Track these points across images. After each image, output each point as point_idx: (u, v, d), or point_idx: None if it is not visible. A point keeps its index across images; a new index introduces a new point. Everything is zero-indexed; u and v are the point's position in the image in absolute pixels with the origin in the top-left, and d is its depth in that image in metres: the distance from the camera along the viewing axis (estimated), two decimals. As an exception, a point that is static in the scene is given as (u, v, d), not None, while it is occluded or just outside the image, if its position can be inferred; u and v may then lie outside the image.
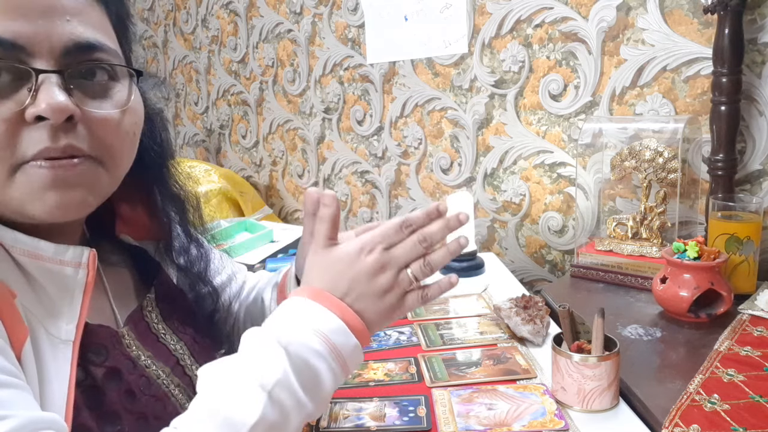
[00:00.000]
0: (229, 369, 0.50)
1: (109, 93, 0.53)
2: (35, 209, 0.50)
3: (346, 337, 0.53)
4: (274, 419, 0.47)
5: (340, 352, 0.52)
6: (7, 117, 0.47)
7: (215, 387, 0.49)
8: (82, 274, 0.54)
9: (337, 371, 0.52)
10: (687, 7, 1.16)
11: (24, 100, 0.48)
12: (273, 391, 0.47)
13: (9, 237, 0.51)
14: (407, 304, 0.57)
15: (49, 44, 0.49)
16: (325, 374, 0.51)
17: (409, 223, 0.57)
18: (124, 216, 0.67)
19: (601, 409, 0.71)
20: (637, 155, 1.15)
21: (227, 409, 0.47)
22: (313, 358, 0.50)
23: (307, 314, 0.53)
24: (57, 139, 0.49)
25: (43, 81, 0.48)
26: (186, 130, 2.51)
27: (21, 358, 0.48)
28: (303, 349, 0.50)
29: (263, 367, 0.49)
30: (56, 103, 0.48)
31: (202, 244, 0.74)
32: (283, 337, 0.50)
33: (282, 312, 0.54)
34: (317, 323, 0.52)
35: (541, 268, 1.47)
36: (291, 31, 1.92)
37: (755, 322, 0.91)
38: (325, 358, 0.51)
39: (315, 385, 0.50)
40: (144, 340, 0.61)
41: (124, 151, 0.55)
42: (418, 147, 1.66)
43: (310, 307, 0.53)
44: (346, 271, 0.55)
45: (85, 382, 0.53)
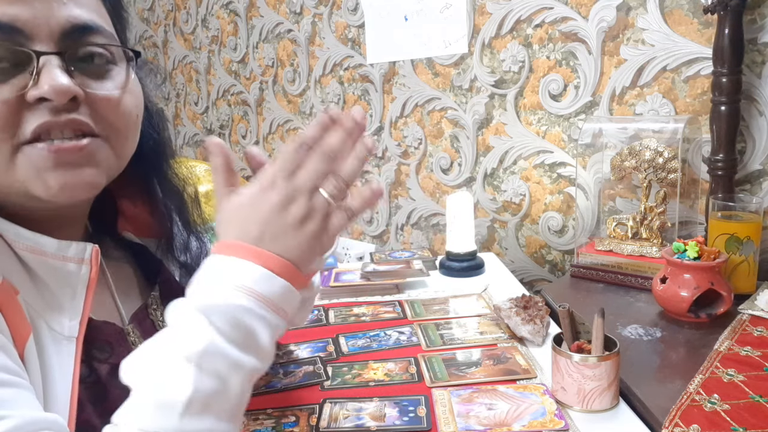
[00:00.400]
0: (151, 351, 0.47)
1: (108, 75, 0.54)
2: (39, 190, 0.50)
3: (271, 281, 0.48)
4: (210, 388, 0.44)
5: (270, 299, 0.48)
6: (8, 99, 0.48)
7: (142, 373, 0.46)
8: (85, 269, 0.54)
9: (272, 319, 0.48)
10: (687, 7, 1.16)
11: (26, 83, 0.48)
12: (201, 361, 0.44)
13: (12, 232, 0.51)
14: (332, 226, 0.51)
15: (47, 27, 0.49)
16: (259, 327, 0.47)
17: (303, 142, 0.52)
18: (126, 213, 0.68)
19: (601, 409, 0.71)
20: (637, 155, 1.15)
21: (158, 392, 0.44)
22: (240, 314, 0.46)
23: (224, 271, 0.48)
24: (58, 115, 0.49)
25: (45, 63, 0.49)
26: (186, 130, 2.51)
27: (24, 355, 0.48)
28: (226, 309, 0.46)
29: (186, 339, 0.45)
30: (59, 84, 0.48)
31: (203, 240, 0.74)
32: (201, 302, 0.46)
33: (199, 276, 0.49)
34: (235, 277, 0.48)
35: (541, 268, 1.47)
36: (291, 31, 1.92)
37: (755, 322, 0.91)
38: (254, 311, 0.47)
39: (251, 341, 0.47)
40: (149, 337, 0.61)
41: (129, 130, 0.56)
42: (418, 147, 1.66)
43: (225, 263, 0.49)
44: (253, 214, 0.50)
45: (90, 378, 0.53)
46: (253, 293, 0.47)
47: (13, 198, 0.51)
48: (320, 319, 1.02)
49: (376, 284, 1.15)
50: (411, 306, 1.06)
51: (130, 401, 0.45)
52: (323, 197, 0.51)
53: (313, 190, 0.51)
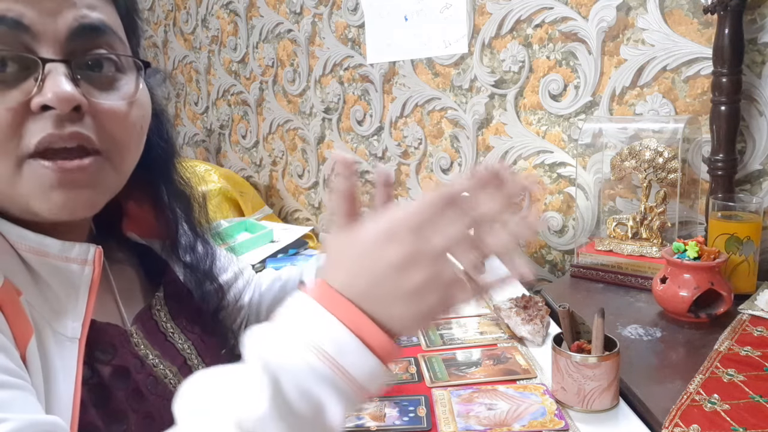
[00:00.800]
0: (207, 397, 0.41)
1: (116, 85, 0.53)
2: (41, 208, 0.50)
3: (360, 355, 0.40)
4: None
5: (350, 373, 0.40)
6: (13, 107, 0.47)
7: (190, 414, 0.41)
8: (88, 271, 0.54)
9: (349, 395, 0.40)
10: (687, 7, 1.16)
11: (30, 90, 0.47)
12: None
13: (15, 233, 0.51)
14: (454, 300, 0.42)
15: (54, 26, 0.48)
16: (330, 402, 0.39)
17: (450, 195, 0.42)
18: (131, 213, 0.67)
19: (601, 409, 0.71)
20: (637, 155, 1.15)
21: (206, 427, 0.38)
22: (311, 383, 0.39)
23: (309, 322, 0.41)
24: (62, 126, 0.48)
25: (50, 71, 0.48)
26: (186, 130, 2.51)
27: (26, 357, 0.48)
28: (296, 374, 0.39)
29: (243, 400, 0.38)
30: (62, 92, 0.47)
31: (208, 241, 0.74)
32: (272, 358, 0.39)
33: (278, 319, 0.42)
34: (319, 336, 0.40)
35: (541, 268, 1.47)
36: (291, 31, 1.92)
37: (755, 322, 0.91)
38: (329, 381, 0.39)
39: (315, 416, 0.39)
40: (152, 339, 0.61)
41: (132, 144, 0.55)
42: (418, 147, 1.66)
43: (314, 313, 0.41)
44: (365, 264, 0.41)
45: (92, 380, 0.53)
46: (331, 361, 0.39)
47: (15, 212, 0.51)
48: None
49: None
50: (411, 306, 1.06)
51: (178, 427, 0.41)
52: (453, 268, 0.42)
53: (443, 257, 0.42)
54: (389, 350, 0.41)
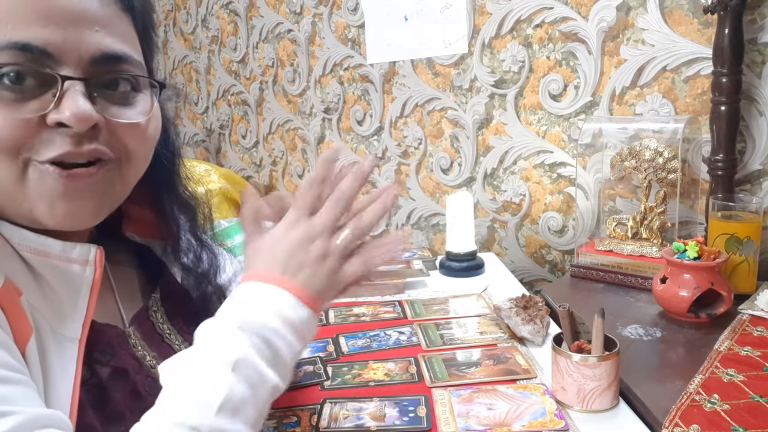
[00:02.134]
0: (191, 356, 0.50)
1: (131, 102, 0.54)
2: (44, 217, 0.51)
3: (298, 309, 0.53)
4: (242, 394, 0.47)
5: (295, 324, 0.53)
6: (29, 119, 0.48)
7: (181, 374, 0.49)
8: (89, 271, 0.54)
9: (294, 343, 0.53)
10: (687, 7, 1.16)
11: (47, 105, 0.48)
12: (237, 368, 0.48)
13: (16, 234, 0.51)
14: (346, 270, 0.57)
15: (77, 53, 0.49)
16: (284, 348, 0.52)
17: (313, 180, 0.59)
18: (132, 215, 0.68)
19: (601, 409, 0.71)
20: (637, 155, 1.15)
21: (195, 391, 0.47)
22: (271, 335, 0.51)
23: (259, 296, 0.53)
24: (80, 144, 0.50)
25: (68, 88, 0.49)
26: (186, 130, 2.51)
27: (25, 356, 0.48)
28: (261, 329, 0.51)
29: (224, 349, 0.49)
30: (81, 112, 0.48)
31: (207, 243, 0.74)
32: (240, 320, 0.51)
33: (234, 298, 0.54)
34: (269, 303, 0.53)
35: (541, 268, 1.47)
36: (291, 31, 1.92)
37: (755, 322, 0.91)
38: (282, 333, 0.51)
39: (277, 360, 0.51)
40: (149, 340, 0.62)
41: (144, 157, 0.57)
42: (418, 147, 1.66)
43: (260, 289, 0.54)
44: (280, 248, 0.56)
45: (91, 381, 0.53)
46: (283, 318, 0.52)
47: (16, 216, 0.52)
48: (320, 319, 1.02)
49: (376, 284, 1.16)
50: (411, 306, 1.06)
51: (165, 399, 0.47)
52: (341, 241, 0.56)
53: (331, 234, 0.57)
54: (315, 303, 0.55)
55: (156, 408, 0.47)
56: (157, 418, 0.46)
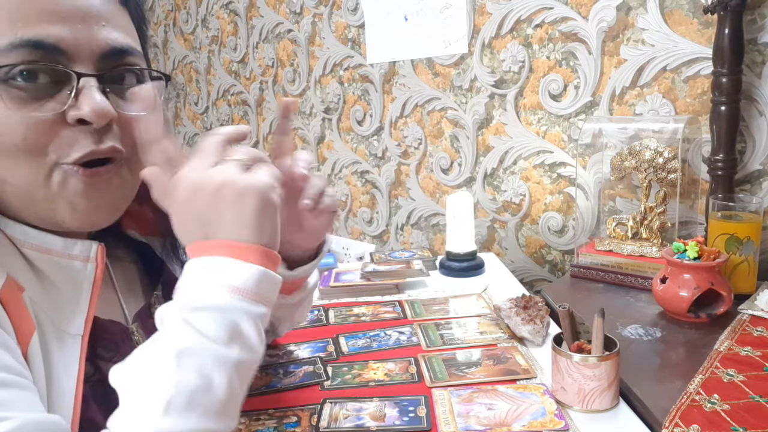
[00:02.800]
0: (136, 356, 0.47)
1: (137, 94, 0.56)
2: (66, 216, 0.52)
3: (245, 271, 0.48)
4: (192, 386, 0.44)
5: (247, 289, 0.48)
6: (47, 118, 0.49)
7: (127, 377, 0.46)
8: (90, 268, 0.54)
9: (253, 309, 0.48)
10: (687, 7, 1.16)
11: (65, 102, 0.49)
12: (180, 360, 0.44)
13: (18, 231, 0.52)
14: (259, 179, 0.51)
15: (89, 49, 0.50)
16: (242, 319, 0.47)
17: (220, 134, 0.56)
18: (131, 212, 0.68)
19: (601, 409, 0.71)
20: (637, 155, 1.15)
21: (140, 394, 0.44)
22: (219, 310, 0.47)
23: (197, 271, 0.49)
24: (101, 141, 0.51)
25: (84, 85, 0.50)
26: (186, 130, 2.51)
27: (28, 353, 0.48)
28: (204, 307, 0.47)
29: (166, 341, 0.46)
30: (100, 108, 0.49)
31: None
32: (179, 304, 0.48)
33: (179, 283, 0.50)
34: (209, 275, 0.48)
35: (541, 268, 1.47)
36: (291, 31, 1.92)
37: (755, 322, 0.91)
38: (233, 305, 0.47)
39: (235, 335, 0.47)
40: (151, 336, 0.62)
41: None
42: (418, 147, 1.66)
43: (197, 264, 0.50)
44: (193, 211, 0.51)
45: (94, 377, 0.53)
46: (229, 287, 0.48)
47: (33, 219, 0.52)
48: (320, 319, 1.02)
49: (376, 284, 1.16)
50: (411, 306, 1.06)
51: (118, 409, 0.45)
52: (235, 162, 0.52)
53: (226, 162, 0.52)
54: (264, 254, 0.50)
55: (112, 417, 0.45)
56: (112, 425, 0.44)
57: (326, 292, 1.14)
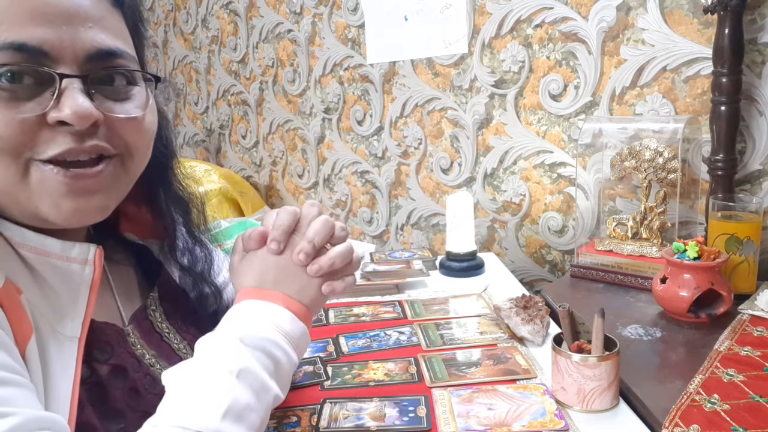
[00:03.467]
0: (196, 364, 0.52)
1: (129, 95, 0.55)
2: (50, 215, 0.51)
3: (294, 323, 0.57)
4: (246, 401, 0.49)
5: (293, 337, 0.57)
6: (28, 119, 0.48)
7: (186, 379, 0.51)
8: (88, 270, 0.54)
9: (292, 355, 0.56)
10: (687, 7, 1.16)
11: (46, 104, 0.48)
12: (240, 376, 0.50)
13: (16, 233, 0.52)
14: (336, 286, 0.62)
15: (73, 51, 0.49)
16: (283, 359, 0.55)
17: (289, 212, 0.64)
18: (129, 214, 0.68)
19: (601, 409, 0.71)
20: (637, 155, 1.15)
21: (201, 396, 0.49)
22: (271, 346, 0.54)
23: (255, 311, 0.57)
24: (81, 141, 0.50)
25: (67, 86, 0.49)
26: (186, 130, 2.51)
27: (26, 355, 0.48)
28: (261, 341, 0.54)
29: (227, 359, 0.51)
30: (81, 110, 0.48)
31: (205, 243, 0.74)
32: (239, 334, 0.53)
33: (231, 315, 0.57)
34: (266, 316, 0.56)
35: (541, 268, 1.47)
36: (291, 31, 1.92)
37: (755, 322, 0.91)
38: (281, 346, 0.55)
39: (276, 370, 0.54)
40: (148, 338, 0.62)
41: (144, 149, 0.57)
42: (418, 147, 1.66)
43: (256, 305, 0.58)
44: (267, 263, 0.60)
45: (90, 379, 0.53)
46: (281, 331, 0.56)
47: (20, 217, 0.52)
48: (320, 319, 1.02)
49: (376, 284, 1.16)
50: (411, 306, 1.06)
51: (169, 404, 0.48)
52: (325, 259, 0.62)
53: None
54: (307, 316, 0.60)
55: (159, 413, 0.48)
56: (161, 421, 0.46)
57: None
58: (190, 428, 0.45)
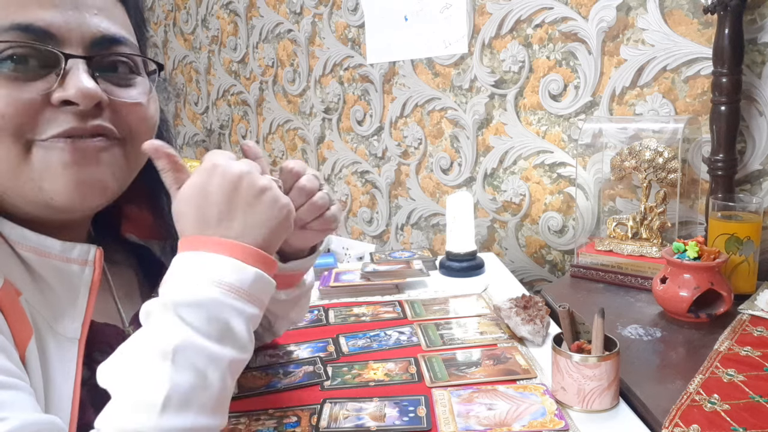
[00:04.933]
0: (126, 352, 0.47)
1: (132, 83, 0.55)
2: (53, 188, 0.50)
3: (241, 271, 0.49)
4: (188, 383, 0.44)
5: (241, 288, 0.48)
6: (32, 98, 0.48)
7: (118, 375, 0.46)
8: (88, 271, 0.54)
9: (246, 309, 0.49)
10: (687, 7, 1.16)
11: (51, 84, 0.49)
12: (176, 357, 0.44)
13: (16, 234, 0.51)
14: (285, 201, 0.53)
15: (79, 34, 0.50)
16: (234, 318, 0.48)
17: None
18: (131, 216, 0.68)
19: (601, 409, 0.71)
20: (637, 155, 1.15)
21: (135, 392, 0.44)
22: (212, 307, 0.47)
23: (190, 266, 0.49)
24: (84, 120, 0.50)
25: (72, 67, 0.49)
26: (186, 130, 2.51)
27: (25, 357, 0.48)
28: (198, 304, 0.47)
29: (159, 337, 0.45)
30: (86, 89, 0.49)
31: None
32: (171, 299, 0.47)
33: (167, 275, 0.50)
34: (203, 271, 0.48)
35: (541, 268, 1.47)
36: (291, 31, 1.92)
37: (755, 322, 0.91)
38: (226, 303, 0.47)
39: (227, 333, 0.47)
40: None
41: (147, 137, 0.57)
42: (418, 147, 1.66)
43: (191, 259, 0.49)
44: (204, 200, 0.51)
45: (91, 380, 0.53)
46: (223, 285, 0.48)
47: (22, 202, 0.51)
48: (320, 319, 1.02)
49: (376, 284, 1.16)
50: (411, 306, 1.06)
51: (109, 404, 0.45)
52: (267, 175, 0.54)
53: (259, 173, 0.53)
54: (261, 258, 0.50)
55: (101, 414, 0.45)
56: (103, 424, 0.44)
57: (326, 292, 1.14)
58: (127, 429, 0.42)
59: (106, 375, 0.46)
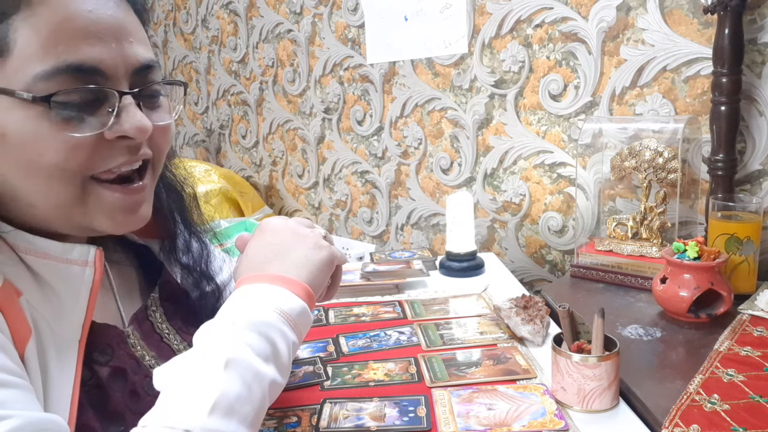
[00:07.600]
0: (183, 359, 0.51)
1: (159, 104, 0.58)
2: (104, 226, 0.54)
3: (292, 301, 0.56)
4: (236, 393, 0.47)
5: (291, 316, 0.55)
6: (90, 136, 0.50)
7: (173, 377, 0.49)
8: (89, 272, 0.54)
9: (290, 335, 0.54)
10: (687, 7, 1.16)
11: (106, 121, 0.50)
12: (229, 367, 0.48)
13: (15, 235, 0.51)
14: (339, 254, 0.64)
15: (124, 67, 0.52)
16: (280, 341, 0.53)
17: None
18: None
19: (601, 409, 0.71)
20: (637, 155, 1.15)
21: (186, 392, 0.47)
22: (266, 328, 0.52)
23: (251, 293, 0.56)
24: (136, 152, 0.53)
25: (125, 103, 0.51)
26: (186, 130, 2.51)
27: (24, 357, 0.48)
28: (254, 324, 0.52)
29: (216, 348, 0.50)
30: (142, 125, 0.51)
31: (205, 242, 0.75)
32: (233, 318, 0.52)
33: (230, 300, 0.56)
34: (262, 297, 0.55)
35: (541, 268, 1.47)
36: (291, 31, 1.92)
37: (755, 322, 0.91)
38: (277, 326, 0.53)
39: (274, 354, 0.52)
40: (148, 339, 0.62)
41: (166, 153, 0.60)
42: (418, 147, 1.66)
43: (252, 287, 0.57)
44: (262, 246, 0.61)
45: (90, 381, 0.53)
46: (277, 310, 0.54)
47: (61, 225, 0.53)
48: (320, 319, 1.02)
49: (376, 284, 1.16)
50: (411, 306, 1.06)
51: (158, 403, 0.47)
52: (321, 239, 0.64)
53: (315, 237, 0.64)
54: (309, 296, 0.58)
55: (150, 412, 0.47)
56: (151, 421, 0.46)
57: (326, 292, 1.14)
58: (177, 427, 0.44)
59: (161, 377, 0.50)
